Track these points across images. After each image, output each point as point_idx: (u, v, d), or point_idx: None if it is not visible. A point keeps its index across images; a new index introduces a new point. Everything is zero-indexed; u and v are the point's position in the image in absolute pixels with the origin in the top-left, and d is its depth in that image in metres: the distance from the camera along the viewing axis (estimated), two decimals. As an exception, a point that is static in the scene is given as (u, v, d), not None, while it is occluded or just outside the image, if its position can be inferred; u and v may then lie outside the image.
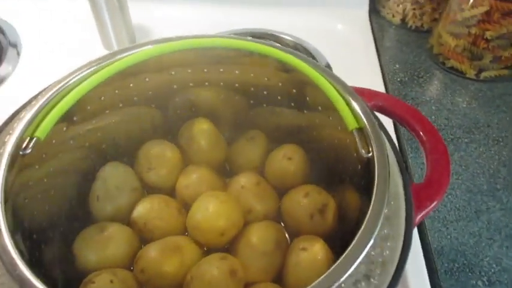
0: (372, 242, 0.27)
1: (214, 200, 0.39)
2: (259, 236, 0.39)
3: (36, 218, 0.36)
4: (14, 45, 0.70)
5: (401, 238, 0.29)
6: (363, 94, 0.38)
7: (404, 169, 0.34)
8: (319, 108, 0.41)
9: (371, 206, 0.29)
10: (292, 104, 0.44)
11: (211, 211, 0.39)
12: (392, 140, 0.36)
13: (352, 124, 0.35)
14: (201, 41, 0.41)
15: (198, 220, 0.39)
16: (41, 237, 0.36)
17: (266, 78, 0.43)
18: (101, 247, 0.38)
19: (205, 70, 0.44)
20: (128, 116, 0.44)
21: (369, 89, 0.40)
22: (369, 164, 0.33)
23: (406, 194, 0.32)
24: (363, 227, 0.28)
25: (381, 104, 0.41)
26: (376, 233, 0.27)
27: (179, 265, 0.37)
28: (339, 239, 0.40)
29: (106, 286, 0.35)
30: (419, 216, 0.32)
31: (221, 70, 0.44)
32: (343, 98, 0.36)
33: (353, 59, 0.68)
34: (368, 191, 0.32)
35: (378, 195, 0.29)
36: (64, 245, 0.39)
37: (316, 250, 0.37)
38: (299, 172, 0.43)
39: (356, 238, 0.27)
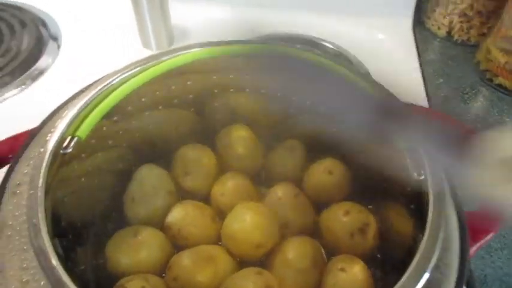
0: (427, 275, 0.25)
1: (251, 211, 0.38)
2: (295, 252, 0.37)
3: (72, 218, 0.35)
4: (55, 38, 0.71)
5: (455, 271, 0.27)
6: (413, 111, 0.36)
7: (459, 196, 0.32)
8: (365, 122, 0.40)
9: (425, 237, 0.27)
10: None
11: (248, 222, 0.37)
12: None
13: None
14: (249, 47, 0.39)
15: (234, 231, 0.38)
16: (76, 237, 0.35)
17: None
18: (134, 251, 0.37)
19: (247, 76, 0.43)
20: (166, 119, 0.43)
21: (421, 106, 0.38)
22: (419, 187, 0.31)
23: (460, 223, 0.30)
24: (416, 259, 0.26)
25: (431, 123, 0.38)
26: (431, 266, 0.25)
27: (212, 276, 0.36)
28: (380, 261, 0.39)
29: (138, 293, 0.34)
30: (474, 249, 0.30)
31: (263, 77, 0.43)
32: (395, 114, 0.34)
33: (394, 70, 0.65)
34: (417, 215, 0.30)
35: (432, 224, 0.27)
36: (97, 246, 0.38)
37: (355, 271, 0.35)
38: (339, 187, 0.42)
39: (409, 270, 0.25)
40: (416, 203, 0.32)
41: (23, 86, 0.63)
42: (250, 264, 0.37)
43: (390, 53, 0.70)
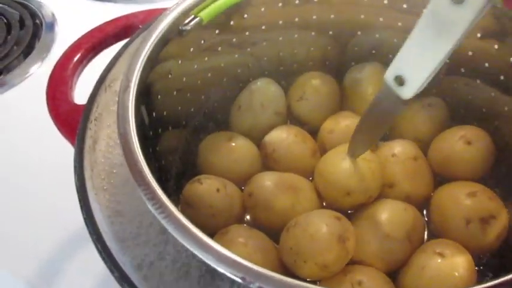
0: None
1: (355, 154, 0.33)
2: (390, 216, 0.31)
3: (174, 101, 0.35)
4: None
5: None
6: None
7: None
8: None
9: None
10: (502, 78, 0.33)
11: (346, 165, 0.32)
12: None
13: None
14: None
15: (328, 169, 0.33)
16: (173, 120, 0.35)
17: (479, 35, 0.33)
18: (223, 155, 0.36)
19: (404, 6, 0.36)
20: (299, 37, 0.40)
21: None
22: None
23: None
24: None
25: None
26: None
27: (289, 206, 0.33)
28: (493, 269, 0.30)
29: (210, 192, 0.32)
30: None
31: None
32: None
33: None
34: None
35: None
36: (193, 138, 0.38)
37: (457, 263, 0.28)
38: (475, 164, 0.33)
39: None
40: None
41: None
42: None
43: None
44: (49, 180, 0.44)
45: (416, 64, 0.25)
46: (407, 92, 0.26)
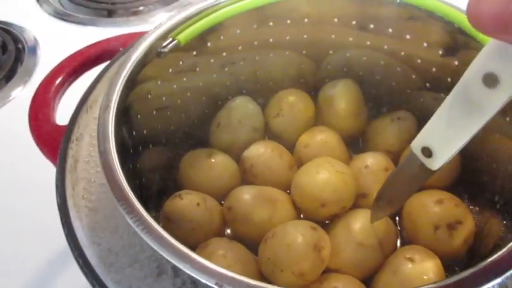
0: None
1: (329, 166, 0.34)
2: (364, 224, 0.33)
3: (154, 120, 0.36)
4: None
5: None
6: None
7: None
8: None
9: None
10: (463, 91, 0.35)
11: (321, 177, 0.34)
12: None
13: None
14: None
15: (303, 182, 0.35)
16: (153, 139, 0.36)
17: (441, 52, 0.35)
18: (203, 171, 0.37)
19: (371, 26, 0.38)
20: (275, 56, 0.42)
21: None
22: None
23: None
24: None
25: None
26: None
27: (267, 218, 0.34)
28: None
29: (191, 206, 0.34)
30: None
31: (390, 31, 0.38)
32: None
33: None
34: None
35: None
36: (173, 155, 0.39)
37: (426, 267, 0.29)
38: (442, 173, 0.34)
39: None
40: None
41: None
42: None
43: None
44: (36, 198, 0.44)
45: (444, 139, 0.25)
46: (436, 164, 0.26)
